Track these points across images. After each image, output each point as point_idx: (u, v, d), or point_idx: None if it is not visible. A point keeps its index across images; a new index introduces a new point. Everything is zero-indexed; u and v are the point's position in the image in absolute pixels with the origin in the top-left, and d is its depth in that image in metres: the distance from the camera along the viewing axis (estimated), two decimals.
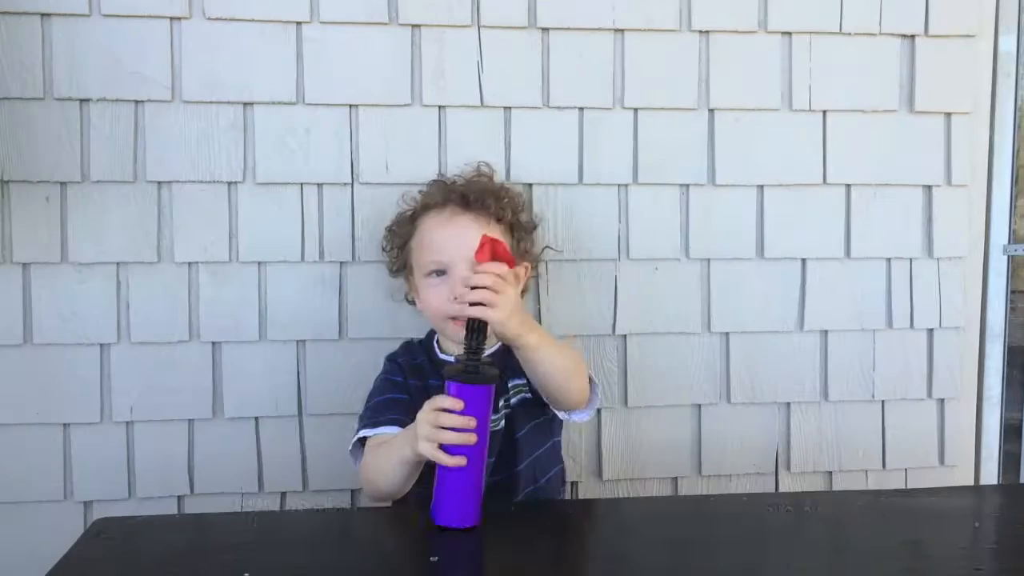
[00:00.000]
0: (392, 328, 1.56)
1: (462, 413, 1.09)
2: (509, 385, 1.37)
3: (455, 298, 1.28)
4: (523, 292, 1.45)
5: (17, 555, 1.51)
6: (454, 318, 1.31)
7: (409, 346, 1.47)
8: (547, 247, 1.58)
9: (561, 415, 1.35)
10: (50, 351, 1.53)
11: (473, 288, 1.15)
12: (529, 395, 1.36)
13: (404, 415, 1.27)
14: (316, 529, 1.19)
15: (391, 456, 1.20)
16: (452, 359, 1.39)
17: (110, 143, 1.52)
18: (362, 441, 1.30)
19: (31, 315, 1.52)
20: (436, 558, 1.06)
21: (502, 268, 1.18)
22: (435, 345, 1.44)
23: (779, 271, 1.70)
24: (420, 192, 1.48)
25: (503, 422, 1.35)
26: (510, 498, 1.33)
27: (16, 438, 1.53)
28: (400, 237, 1.45)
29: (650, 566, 1.08)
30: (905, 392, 1.75)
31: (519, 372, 1.31)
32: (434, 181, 1.51)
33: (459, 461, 1.09)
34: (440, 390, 1.14)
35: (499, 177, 1.57)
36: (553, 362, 1.23)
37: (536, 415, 1.38)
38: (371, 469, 1.26)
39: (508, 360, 1.29)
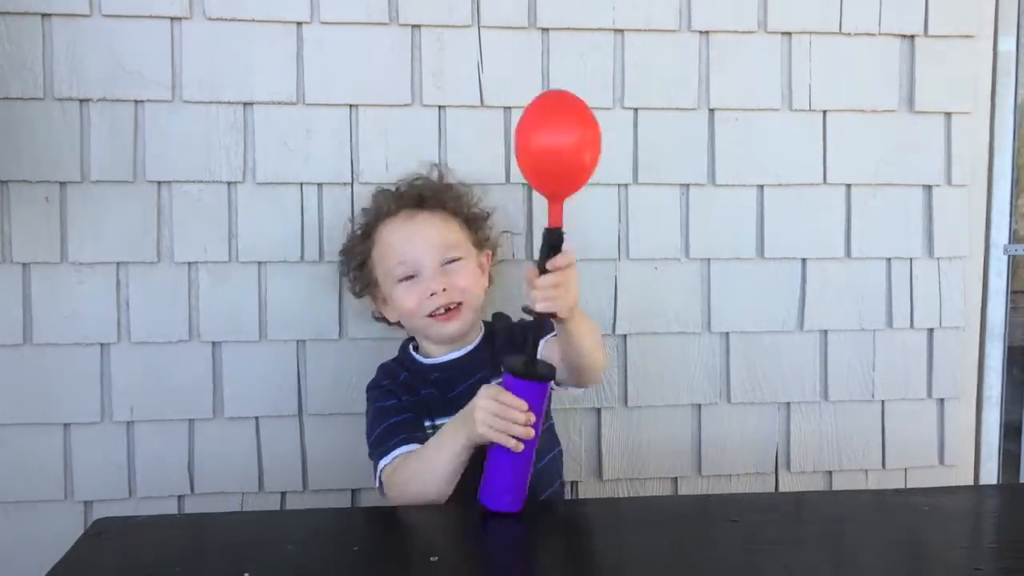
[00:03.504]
0: (392, 328, 1.56)
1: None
2: (502, 369, 1.38)
3: (432, 294, 1.33)
4: (489, 281, 1.49)
5: (17, 555, 1.51)
6: (432, 314, 1.35)
7: (385, 369, 1.44)
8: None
9: (562, 389, 1.34)
10: (50, 351, 1.53)
11: (544, 288, 1.12)
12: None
13: (411, 432, 1.30)
14: (316, 529, 1.19)
15: (440, 452, 1.22)
16: (438, 360, 1.40)
17: (110, 143, 1.52)
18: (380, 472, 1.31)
19: (31, 315, 1.52)
20: (436, 558, 1.06)
21: (568, 260, 1.14)
22: (412, 353, 1.44)
23: (779, 271, 1.71)
24: (361, 211, 1.50)
25: None
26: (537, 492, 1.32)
27: (16, 438, 1.53)
28: (357, 256, 1.46)
29: (650, 566, 1.07)
30: (905, 392, 1.75)
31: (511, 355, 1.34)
32: (379, 191, 1.50)
33: (518, 445, 1.14)
34: (434, 398, 1.24)
35: (499, 177, 1.58)
36: (591, 336, 1.24)
37: None
38: (414, 476, 1.25)
39: (495, 348, 1.36)
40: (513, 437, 1.14)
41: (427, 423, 1.35)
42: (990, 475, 1.83)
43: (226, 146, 1.55)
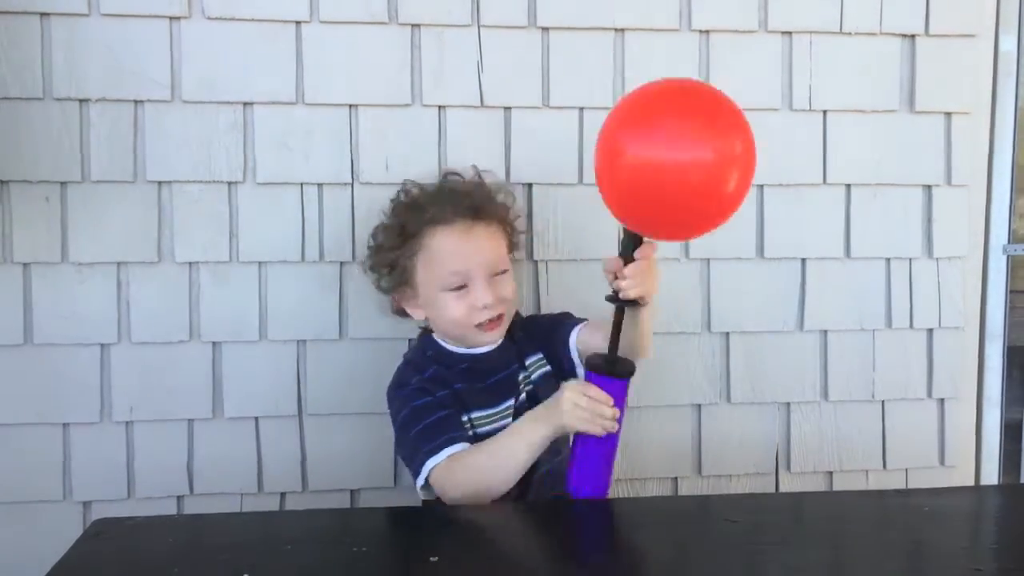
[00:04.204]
0: (392, 328, 1.56)
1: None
2: (527, 363, 1.43)
3: (484, 307, 1.35)
4: None
5: (17, 555, 1.51)
6: (479, 324, 1.36)
7: (411, 366, 1.41)
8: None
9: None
10: (50, 351, 1.53)
11: (634, 275, 1.19)
12: (549, 368, 1.43)
13: (456, 430, 1.31)
14: (316, 529, 1.19)
15: (516, 444, 1.25)
16: (468, 351, 1.40)
17: (110, 143, 1.52)
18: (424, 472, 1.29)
19: (31, 315, 1.52)
20: (436, 558, 1.06)
21: (654, 248, 1.21)
22: (440, 342, 1.43)
23: (779, 271, 1.71)
24: (396, 203, 1.46)
25: (524, 398, 1.41)
26: (531, 475, 1.32)
27: (16, 438, 1.53)
28: (394, 252, 1.41)
29: (650, 566, 1.07)
30: (905, 392, 1.75)
31: (534, 349, 1.44)
32: (430, 185, 1.48)
33: (605, 430, 1.23)
34: (467, 391, 1.32)
35: (499, 177, 1.58)
36: (651, 319, 1.31)
37: (554, 388, 1.39)
38: (480, 471, 1.25)
39: (517, 344, 1.42)
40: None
41: (464, 417, 1.35)
42: (990, 475, 1.83)
43: (226, 146, 1.55)
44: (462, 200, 1.40)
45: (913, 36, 1.70)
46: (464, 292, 1.36)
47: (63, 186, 1.52)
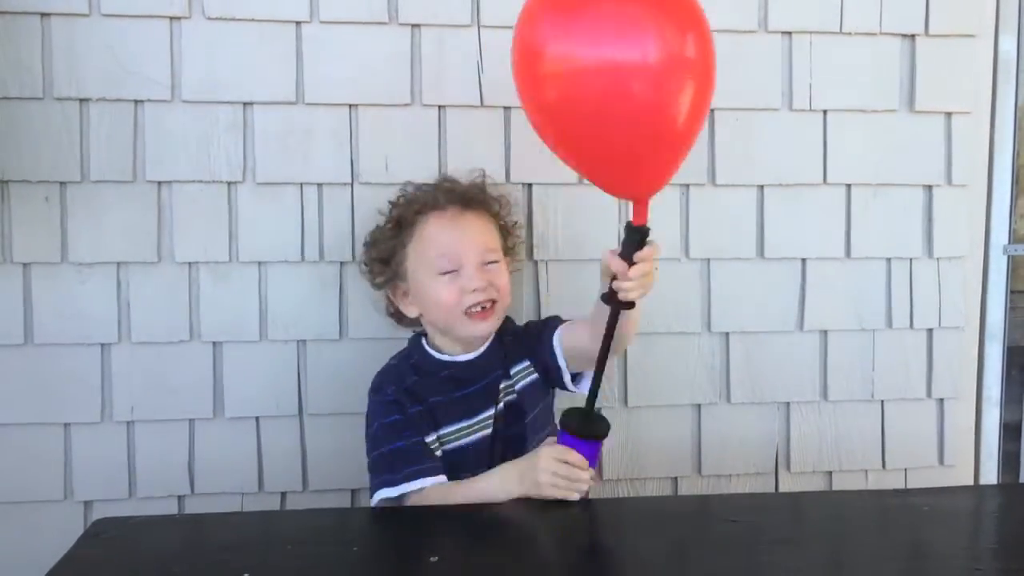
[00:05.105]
0: (392, 328, 1.56)
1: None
2: (512, 372, 1.41)
3: (474, 290, 1.34)
4: None
5: (17, 555, 1.51)
6: (469, 311, 1.35)
7: (392, 373, 1.42)
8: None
9: (572, 388, 1.42)
10: (50, 351, 1.53)
11: (638, 277, 1.19)
12: (536, 375, 1.42)
13: (421, 461, 1.31)
14: (316, 529, 1.19)
15: (482, 498, 1.26)
16: (453, 358, 1.40)
17: (110, 143, 1.52)
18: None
19: (31, 315, 1.52)
20: (436, 558, 1.07)
21: (657, 250, 1.21)
22: (425, 347, 1.43)
23: (779, 271, 1.71)
24: (393, 203, 1.48)
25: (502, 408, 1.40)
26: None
27: (16, 438, 1.53)
28: (387, 247, 1.43)
29: (650, 566, 1.08)
30: (905, 392, 1.75)
31: (521, 356, 1.42)
32: (421, 186, 1.49)
33: (580, 495, 1.26)
34: (442, 405, 1.33)
35: (499, 177, 1.58)
36: (638, 316, 1.30)
37: (542, 396, 1.42)
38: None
39: (506, 349, 1.41)
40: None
41: (432, 436, 1.35)
42: (990, 475, 1.83)
43: (226, 146, 1.55)
44: (454, 189, 1.44)
45: (913, 36, 1.70)
46: (454, 276, 1.36)
47: (63, 186, 1.52)
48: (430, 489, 1.30)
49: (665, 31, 0.64)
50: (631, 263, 1.17)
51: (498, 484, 1.27)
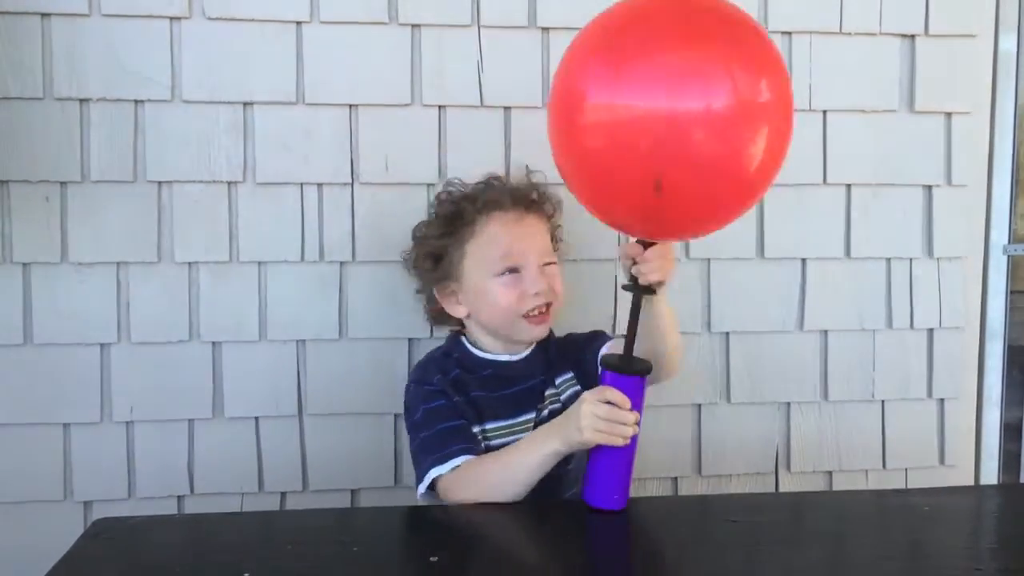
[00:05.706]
0: (392, 328, 1.56)
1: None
2: (558, 381, 1.41)
3: (536, 293, 1.33)
4: None
5: (17, 555, 1.51)
6: (528, 314, 1.34)
7: (434, 364, 1.40)
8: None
9: None
10: (50, 351, 1.53)
11: (655, 259, 1.16)
12: (579, 387, 1.40)
13: (468, 442, 1.29)
14: (316, 529, 1.19)
15: (527, 458, 1.22)
16: (496, 357, 1.39)
17: (110, 143, 1.52)
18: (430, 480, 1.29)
19: (31, 315, 1.52)
20: (436, 558, 1.06)
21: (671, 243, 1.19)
22: (467, 345, 1.42)
23: (779, 271, 1.71)
24: (443, 199, 1.45)
25: (547, 415, 1.37)
26: (558, 494, 1.32)
27: (16, 438, 1.53)
28: (440, 242, 1.39)
29: (650, 566, 1.07)
30: (905, 392, 1.75)
31: (566, 367, 1.41)
32: (486, 183, 1.45)
33: (625, 442, 1.17)
34: (485, 400, 1.29)
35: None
36: (671, 316, 1.27)
37: None
38: (487, 483, 1.24)
39: (549, 357, 1.40)
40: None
41: (476, 428, 1.34)
42: (990, 475, 1.83)
43: (226, 146, 1.55)
44: (519, 190, 1.42)
45: (913, 36, 1.70)
46: (515, 278, 1.34)
47: (63, 186, 1.52)
48: (473, 462, 1.26)
49: (729, 80, 0.53)
50: (647, 245, 1.16)
51: (540, 439, 1.23)
